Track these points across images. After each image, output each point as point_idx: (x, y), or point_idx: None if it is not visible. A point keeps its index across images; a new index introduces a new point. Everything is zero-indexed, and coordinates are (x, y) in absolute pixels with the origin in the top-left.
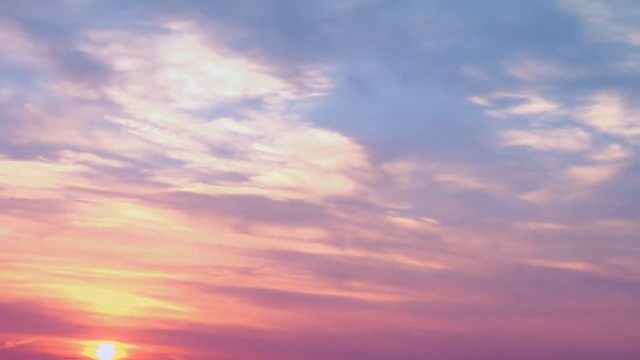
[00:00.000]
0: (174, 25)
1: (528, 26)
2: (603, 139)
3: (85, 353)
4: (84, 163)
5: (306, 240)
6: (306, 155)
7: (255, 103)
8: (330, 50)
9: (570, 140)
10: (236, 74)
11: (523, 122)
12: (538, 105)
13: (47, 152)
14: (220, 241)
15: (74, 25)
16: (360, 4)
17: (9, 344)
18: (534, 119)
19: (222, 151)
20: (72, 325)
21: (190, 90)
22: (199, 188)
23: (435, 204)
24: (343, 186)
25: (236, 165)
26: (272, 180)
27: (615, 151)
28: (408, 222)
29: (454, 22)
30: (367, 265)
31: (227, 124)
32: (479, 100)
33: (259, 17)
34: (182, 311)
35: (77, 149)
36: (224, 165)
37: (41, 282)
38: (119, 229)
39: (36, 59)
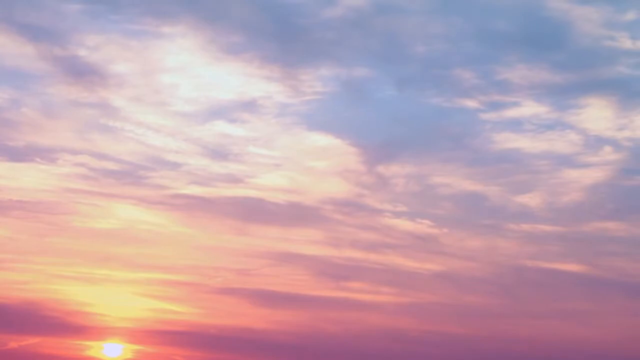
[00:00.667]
0: (169, 30)
1: (519, 31)
2: (595, 141)
3: (88, 353)
4: (81, 165)
5: (303, 241)
6: (301, 158)
7: (250, 106)
8: (325, 54)
9: (562, 142)
10: (231, 77)
11: (516, 125)
12: (530, 109)
13: (45, 154)
14: (217, 242)
15: (70, 29)
16: (353, 10)
17: (13, 345)
18: (526, 122)
19: (217, 153)
20: (74, 325)
21: (185, 94)
22: (196, 190)
23: (430, 205)
24: (339, 188)
25: (231, 168)
26: (268, 182)
27: (608, 153)
28: (404, 224)
29: (446, 28)
30: (364, 267)
31: (222, 126)
32: (471, 104)
33: (253, 22)
34: (182, 312)
35: (73, 151)
36: (219, 167)
37: (42, 283)
38: (117, 230)
39: (33, 63)
